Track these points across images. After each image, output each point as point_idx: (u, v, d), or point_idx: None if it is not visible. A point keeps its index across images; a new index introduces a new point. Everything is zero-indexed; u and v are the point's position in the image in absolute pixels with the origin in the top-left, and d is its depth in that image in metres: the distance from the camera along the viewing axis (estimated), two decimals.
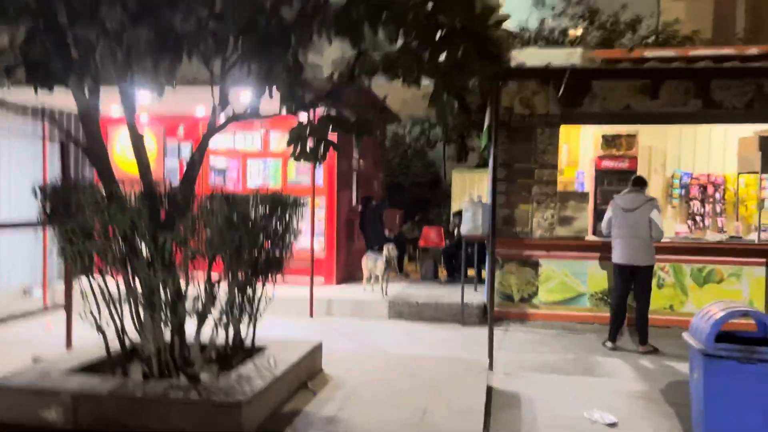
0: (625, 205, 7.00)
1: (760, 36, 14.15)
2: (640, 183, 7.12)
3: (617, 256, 7.01)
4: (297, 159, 4.70)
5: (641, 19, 12.71)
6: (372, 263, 8.72)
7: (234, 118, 4.49)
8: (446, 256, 10.13)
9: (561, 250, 8.00)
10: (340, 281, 9.69)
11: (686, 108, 7.73)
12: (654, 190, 10.18)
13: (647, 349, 6.82)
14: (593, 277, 7.95)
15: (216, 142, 8.99)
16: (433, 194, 17.03)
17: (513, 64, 6.86)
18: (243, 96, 5.10)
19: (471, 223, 8.22)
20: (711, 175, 9.94)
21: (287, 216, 4.71)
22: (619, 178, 9.79)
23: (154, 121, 9.89)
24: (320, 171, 9.67)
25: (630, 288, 7.03)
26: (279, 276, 4.58)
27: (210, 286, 4.11)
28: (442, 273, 10.54)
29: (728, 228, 9.55)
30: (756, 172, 8.53)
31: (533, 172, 8.09)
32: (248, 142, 9.94)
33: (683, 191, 10.02)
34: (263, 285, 4.51)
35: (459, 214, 10.18)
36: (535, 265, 8.09)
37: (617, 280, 7.10)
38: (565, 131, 8.64)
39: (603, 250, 7.81)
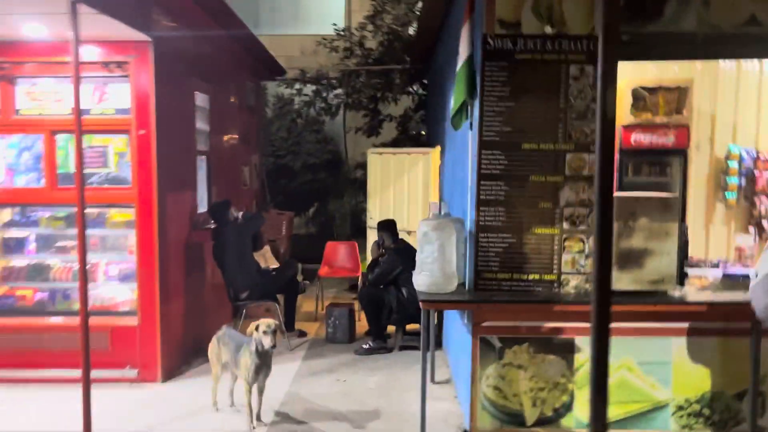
0: None
1: None
2: None
3: None
4: None
5: None
6: (230, 356, 4.17)
7: None
8: (369, 302, 5.75)
9: (621, 320, 3.88)
10: (170, 372, 5.07)
11: None
12: (696, 178, 6.35)
13: None
14: (682, 369, 3.91)
15: None
16: (334, 181, 12.60)
17: None
18: None
19: (437, 270, 3.89)
20: None
21: None
22: (661, 164, 5.86)
23: None
24: (127, 153, 4.98)
25: None
26: None
27: None
28: (361, 322, 6.22)
29: None
30: None
31: (561, 159, 3.88)
32: None
33: (743, 180, 6.23)
34: None
35: (388, 228, 5.87)
36: (567, 350, 3.92)
37: None
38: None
39: (704, 316, 3.81)
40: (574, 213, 3.91)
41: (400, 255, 5.59)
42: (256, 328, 3.88)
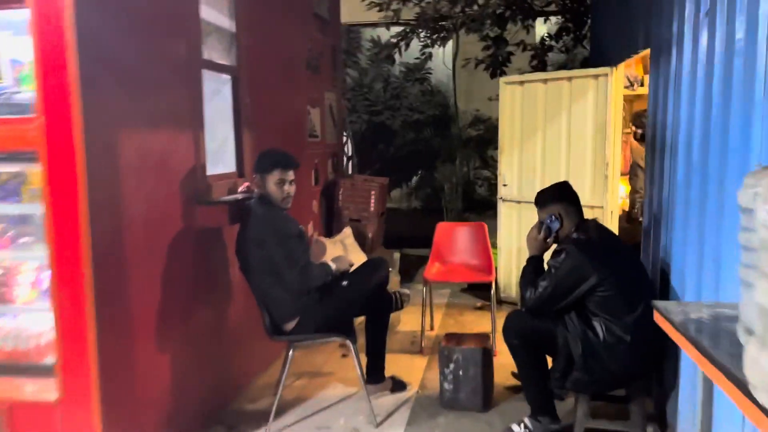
0: None
1: None
2: None
3: None
4: None
5: None
6: None
7: None
8: (525, 344, 2.94)
9: None
10: None
11: None
12: None
13: None
14: None
15: None
16: (442, 141, 9.86)
17: None
18: None
19: None
20: None
21: None
22: None
23: None
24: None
25: None
26: None
27: None
28: (502, 364, 3.45)
29: None
30: None
31: None
32: None
33: None
34: None
35: (564, 199, 3.02)
36: None
37: None
38: None
39: None
40: None
41: (590, 253, 2.77)
42: None
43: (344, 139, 9.23)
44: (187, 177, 2.96)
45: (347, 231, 5.05)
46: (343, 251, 4.77)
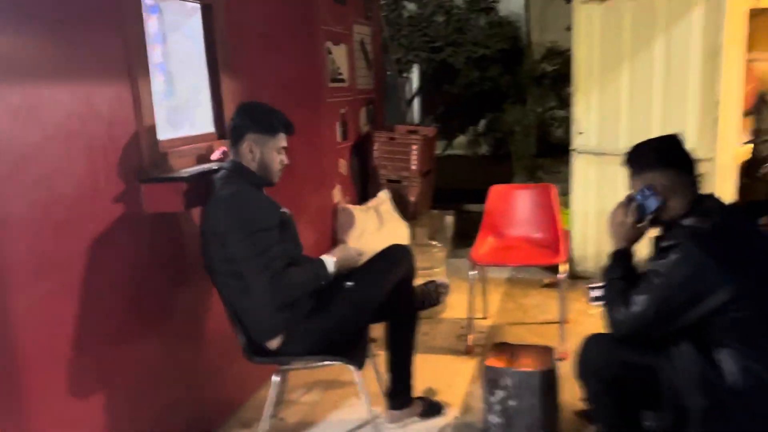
0: None
1: None
2: None
3: None
4: None
5: None
6: None
7: None
8: (605, 383, 1.97)
9: None
10: None
11: None
12: None
13: None
14: None
15: None
16: (512, 79, 8.72)
17: None
18: None
19: None
20: None
21: None
22: None
23: None
24: None
25: None
26: None
27: None
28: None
29: None
30: None
31: None
32: None
33: None
34: None
35: (668, 162, 1.97)
36: None
37: None
38: None
39: None
40: None
41: (716, 250, 1.77)
42: None
43: (404, 80, 8.29)
44: (125, 146, 2.15)
45: (383, 195, 4.19)
46: (378, 220, 3.93)
